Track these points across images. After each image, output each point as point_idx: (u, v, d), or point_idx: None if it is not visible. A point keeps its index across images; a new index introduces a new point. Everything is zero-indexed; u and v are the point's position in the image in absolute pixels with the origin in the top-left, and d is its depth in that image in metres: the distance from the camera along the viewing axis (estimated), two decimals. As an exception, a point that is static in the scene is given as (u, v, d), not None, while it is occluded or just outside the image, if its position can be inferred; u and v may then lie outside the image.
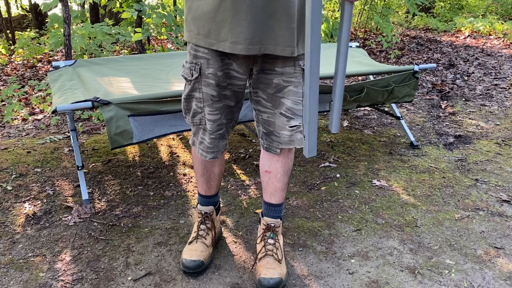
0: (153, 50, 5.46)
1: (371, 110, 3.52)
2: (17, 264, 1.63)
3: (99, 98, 1.85)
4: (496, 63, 5.33)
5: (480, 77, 4.70)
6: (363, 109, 3.53)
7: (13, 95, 3.94)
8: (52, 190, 2.18)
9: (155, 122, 1.97)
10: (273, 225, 1.59)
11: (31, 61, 5.47)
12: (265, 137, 1.50)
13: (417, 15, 8.86)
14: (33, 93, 4.08)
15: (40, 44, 6.13)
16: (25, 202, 2.07)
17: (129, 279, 1.55)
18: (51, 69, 2.66)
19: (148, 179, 2.31)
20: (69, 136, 2.86)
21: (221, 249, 1.73)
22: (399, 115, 2.89)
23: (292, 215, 1.97)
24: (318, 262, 1.65)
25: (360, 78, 4.41)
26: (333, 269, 1.61)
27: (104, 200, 2.09)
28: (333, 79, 1.78)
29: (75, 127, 2.25)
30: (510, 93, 4.09)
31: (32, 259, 1.65)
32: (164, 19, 4.16)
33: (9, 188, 2.20)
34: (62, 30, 3.95)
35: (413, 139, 2.81)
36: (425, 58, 5.70)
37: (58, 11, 8.83)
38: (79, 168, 2.09)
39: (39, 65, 5.38)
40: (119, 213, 1.97)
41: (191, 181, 2.28)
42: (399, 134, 3.02)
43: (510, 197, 2.15)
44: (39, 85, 4.01)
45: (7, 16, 7.05)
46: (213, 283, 1.53)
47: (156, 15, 4.03)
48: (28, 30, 7.64)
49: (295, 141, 1.45)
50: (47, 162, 2.51)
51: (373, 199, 2.13)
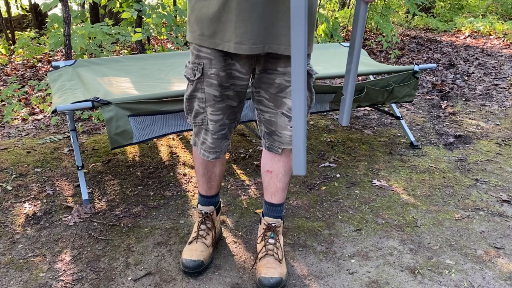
0: (153, 50, 5.46)
1: (371, 110, 3.52)
2: (17, 264, 1.63)
3: (99, 98, 1.85)
4: (496, 63, 5.33)
5: (480, 77, 4.70)
6: (363, 109, 3.53)
7: (13, 95, 3.94)
8: (52, 190, 2.18)
9: (155, 122, 1.97)
10: (274, 225, 1.59)
11: (31, 61, 5.47)
12: (267, 137, 1.50)
13: (417, 15, 8.86)
14: (33, 93, 4.08)
15: (40, 44, 6.13)
16: (25, 202, 2.07)
17: (129, 279, 1.55)
18: (51, 69, 2.66)
19: (148, 179, 2.31)
20: (69, 136, 2.86)
21: (221, 249, 1.73)
22: (399, 115, 2.89)
23: (292, 215, 1.97)
24: (318, 262, 1.65)
25: (360, 78, 4.41)
26: (333, 269, 1.61)
27: (104, 200, 2.09)
28: (343, 76, 1.92)
29: (75, 127, 2.25)
30: (510, 93, 4.09)
31: (32, 259, 1.65)
32: (164, 19, 4.16)
33: (9, 188, 2.20)
34: (62, 30, 3.95)
35: (413, 139, 2.81)
36: (425, 58, 5.70)
37: (58, 11, 8.84)
38: (79, 168, 2.09)
39: (39, 65, 5.38)
40: (119, 213, 1.97)
41: (191, 181, 2.28)
42: (399, 134, 3.02)
43: (510, 197, 2.15)
44: (39, 85, 4.01)
45: (7, 16, 7.05)
46: (213, 283, 1.53)
47: (156, 15, 4.03)
48: (28, 30, 7.64)
49: None
50: (47, 162, 2.51)
51: (373, 199, 2.13)
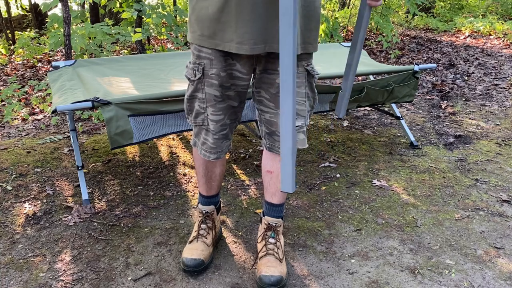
0: (153, 50, 5.46)
1: (371, 110, 3.52)
2: (17, 264, 1.63)
3: (99, 98, 1.85)
4: (496, 63, 5.33)
5: (480, 77, 4.70)
6: (363, 109, 3.53)
7: (13, 95, 3.94)
8: (52, 190, 2.18)
9: (155, 122, 1.97)
10: (274, 224, 1.59)
11: (31, 61, 5.47)
12: (267, 137, 1.50)
13: (417, 15, 8.86)
14: (33, 93, 4.08)
15: (40, 44, 6.13)
16: (25, 202, 2.07)
17: (129, 279, 1.55)
18: (51, 69, 2.66)
19: (148, 179, 2.31)
20: (69, 136, 2.86)
21: (221, 249, 1.73)
22: (399, 115, 2.89)
23: (292, 215, 1.97)
24: (318, 262, 1.65)
25: (360, 78, 4.41)
26: (333, 269, 1.61)
27: (104, 200, 2.09)
28: (343, 75, 2.00)
29: (75, 127, 2.25)
30: (510, 93, 4.09)
31: (32, 259, 1.65)
32: (164, 19, 4.16)
33: (9, 188, 2.20)
34: (62, 30, 3.95)
35: (413, 139, 2.81)
36: (425, 58, 5.70)
37: (58, 11, 8.83)
38: (79, 168, 2.09)
39: (39, 65, 5.38)
40: (119, 213, 1.97)
41: (191, 181, 2.28)
42: (399, 134, 3.02)
43: (510, 197, 2.15)
44: (39, 85, 4.01)
45: (7, 16, 7.05)
46: (213, 283, 1.53)
47: (156, 15, 4.03)
48: (28, 30, 7.64)
49: (298, 141, 1.45)
50: (47, 162, 2.51)
51: (373, 199, 2.13)
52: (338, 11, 8.72)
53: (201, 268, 1.56)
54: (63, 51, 4.23)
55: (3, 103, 3.83)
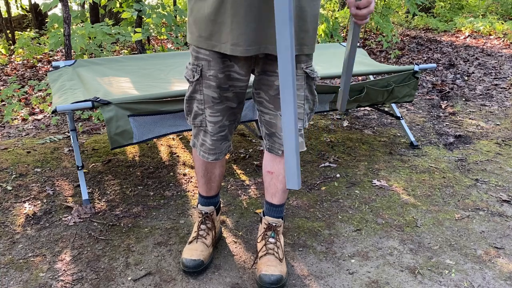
0: (153, 50, 5.46)
1: (371, 110, 3.52)
2: (17, 264, 1.63)
3: (99, 98, 1.85)
4: (496, 63, 5.33)
5: (480, 77, 4.70)
6: (363, 109, 3.53)
7: (13, 95, 3.94)
8: (52, 190, 2.18)
9: (155, 122, 1.97)
10: (274, 224, 1.59)
11: (31, 61, 5.47)
12: (267, 138, 1.50)
13: (417, 15, 8.86)
14: (33, 93, 4.08)
15: (40, 44, 6.13)
16: (25, 202, 2.07)
17: (129, 279, 1.55)
18: (51, 69, 2.66)
19: (148, 179, 2.31)
20: (69, 136, 2.86)
21: (221, 249, 1.73)
22: (399, 115, 2.89)
23: (292, 215, 1.97)
24: (318, 262, 1.65)
25: (360, 78, 4.41)
26: (333, 269, 1.61)
27: (104, 200, 2.09)
28: (339, 76, 2.20)
29: (75, 127, 2.25)
30: (510, 93, 4.09)
31: (32, 259, 1.65)
32: (164, 19, 4.16)
33: (9, 188, 2.20)
34: (62, 30, 3.95)
35: (413, 139, 2.81)
36: (425, 58, 5.70)
37: (58, 11, 8.83)
38: (79, 168, 2.09)
39: (39, 65, 5.38)
40: (119, 213, 1.97)
41: (191, 181, 2.28)
42: (399, 134, 3.02)
43: (510, 197, 2.15)
44: (39, 85, 4.01)
45: (7, 16, 7.05)
46: (213, 283, 1.53)
47: (156, 15, 4.03)
48: (28, 30, 7.64)
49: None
50: (47, 162, 2.51)
51: (373, 199, 2.13)
52: (338, 11, 8.72)
53: (201, 268, 1.56)
54: (63, 51, 4.23)
55: (3, 103, 3.83)
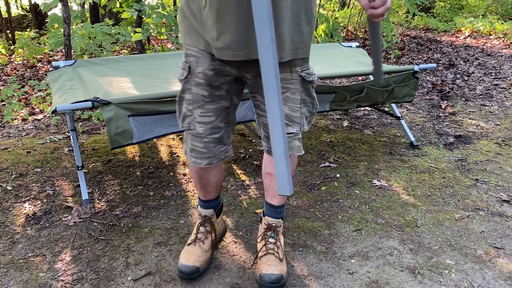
0: (153, 50, 5.46)
1: (371, 110, 3.52)
2: (17, 264, 1.63)
3: (99, 98, 1.85)
4: (496, 63, 5.33)
5: (480, 77, 4.70)
6: (363, 109, 3.53)
7: (13, 95, 3.94)
8: (52, 190, 2.18)
9: (155, 122, 1.97)
10: (274, 225, 1.59)
11: (31, 61, 5.47)
12: (266, 140, 1.49)
13: (417, 15, 8.85)
14: (33, 93, 4.08)
15: (40, 44, 6.13)
16: (25, 202, 2.07)
17: (129, 279, 1.55)
18: (51, 69, 2.66)
19: (148, 179, 2.31)
20: (69, 136, 2.86)
21: (221, 249, 1.73)
22: (399, 115, 2.89)
23: (292, 215, 1.97)
24: (318, 262, 1.65)
25: (360, 78, 4.41)
26: (333, 269, 1.61)
27: (104, 200, 2.09)
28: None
29: (75, 127, 2.25)
30: (510, 93, 4.09)
31: (32, 259, 1.65)
32: (164, 19, 4.16)
33: (9, 188, 2.20)
34: (62, 30, 3.95)
35: (413, 139, 2.81)
36: (425, 58, 5.70)
37: (58, 11, 8.83)
38: (79, 168, 2.09)
39: (39, 65, 5.38)
40: (119, 213, 1.97)
41: (191, 181, 2.28)
42: (399, 134, 3.02)
43: (510, 197, 2.15)
44: (39, 85, 4.01)
45: (7, 16, 7.05)
46: (213, 283, 1.53)
47: (156, 15, 4.02)
48: (28, 30, 7.64)
49: (293, 148, 1.43)
50: (47, 162, 2.51)
51: (373, 199, 2.13)
52: (338, 11, 8.72)
53: (196, 275, 1.53)
54: (63, 51, 4.23)
55: (3, 103, 3.83)
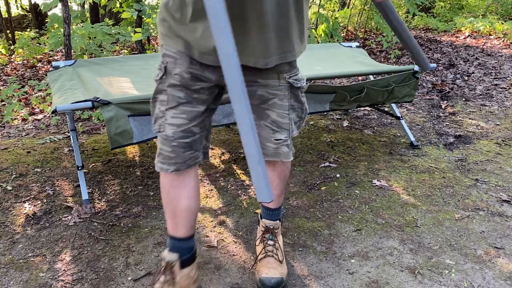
0: (153, 50, 5.46)
1: (371, 110, 3.52)
2: (17, 264, 1.63)
3: (99, 98, 1.85)
4: (496, 63, 5.33)
5: (480, 77, 4.70)
6: (363, 109, 3.53)
7: (13, 95, 3.94)
8: (52, 190, 2.18)
9: (155, 122, 1.97)
10: (272, 227, 1.59)
11: (31, 61, 5.47)
12: None
13: (417, 15, 8.86)
14: (33, 93, 4.08)
15: (40, 44, 6.13)
16: (25, 202, 2.07)
17: (129, 279, 1.55)
18: (51, 69, 2.66)
19: (148, 179, 2.31)
20: (69, 136, 2.86)
21: (221, 249, 1.73)
22: (399, 115, 2.89)
23: (292, 215, 1.97)
24: (318, 262, 1.65)
25: (360, 78, 4.41)
26: (333, 269, 1.61)
27: (104, 200, 2.09)
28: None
29: (75, 127, 2.25)
30: (510, 93, 4.09)
31: (32, 259, 1.65)
32: (164, 19, 4.15)
33: (9, 188, 2.20)
34: (62, 30, 3.95)
35: (413, 139, 2.81)
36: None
37: (58, 11, 8.84)
38: (79, 168, 2.09)
39: (39, 65, 5.38)
40: (119, 213, 1.97)
41: (191, 181, 2.28)
42: (399, 134, 3.02)
43: (510, 197, 2.15)
44: (39, 85, 4.01)
45: (7, 16, 7.05)
46: (213, 283, 1.53)
47: (156, 15, 4.03)
48: (28, 30, 7.64)
49: (281, 154, 1.38)
50: (47, 162, 2.51)
51: (373, 199, 2.13)
52: (338, 11, 8.72)
53: None
54: (63, 51, 4.23)
55: (3, 103, 3.83)
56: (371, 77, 2.92)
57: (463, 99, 3.90)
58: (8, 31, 6.67)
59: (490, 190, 2.23)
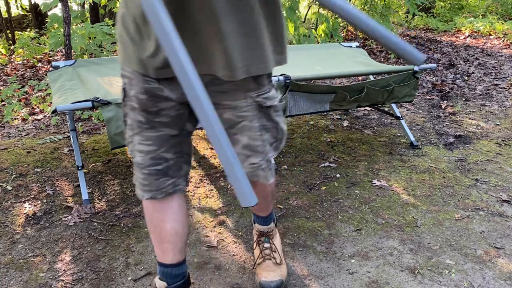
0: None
1: (371, 110, 3.52)
2: (17, 264, 1.63)
3: (99, 98, 1.85)
4: (496, 63, 5.33)
5: (480, 77, 4.70)
6: (363, 109, 3.53)
7: (13, 95, 3.94)
8: (52, 190, 2.18)
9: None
10: (265, 231, 1.58)
11: (31, 61, 5.47)
12: None
13: (417, 15, 8.86)
14: (33, 93, 4.08)
15: (40, 44, 6.13)
16: (25, 202, 2.07)
17: (129, 279, 1.55)
18: (51, 69, 2.66)
19: (148, 179, 2.31)
20: (69, 136, 2.86)
21: (221, 249, 1.73)
22: (399, 115, 2.89)
23: (292, 215, 1.97)
24: (318, 262, 1.65)
25: (360, 78, 4.41)
26: (333, 269, 1.61)
27: (104, 200, 2.09)
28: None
29: (75, 127, 2.25)
30: (510, 93, 4.10)
31: (32, 259, 1.65)
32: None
33: (9, 188, 2.20)
34: (62, 30, 3.95)
35: (413, 139, 2.81)
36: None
37: (58, 11, 8.83)
38: (79, 168, 2.09)
39: (39, 65, 5.38)
40: (119, 213, 1.97)
41: (191, 181, 2.28)
42: (399, 134, 3.02)
43: (510, 197, 2.15)
44: (39, 85, 4.01)
45: (7, 16, 7.05)
46: (213, 283, 1.53)
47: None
48: (28, 30, 7.64)
49: (259, 176, 1.23)
50: (47, 162, 2.51)
51: (373, 199, 2.13)
52: (338, 11, 8.71)
53: None
54: (63, 51, 4.23)
55: (3, 103, 3.83)
56: (371, 77, 2.92)
57: (463, 99, 3.90)
58: (8, 31, 6.67)
59: (490, 190, 2.23)
